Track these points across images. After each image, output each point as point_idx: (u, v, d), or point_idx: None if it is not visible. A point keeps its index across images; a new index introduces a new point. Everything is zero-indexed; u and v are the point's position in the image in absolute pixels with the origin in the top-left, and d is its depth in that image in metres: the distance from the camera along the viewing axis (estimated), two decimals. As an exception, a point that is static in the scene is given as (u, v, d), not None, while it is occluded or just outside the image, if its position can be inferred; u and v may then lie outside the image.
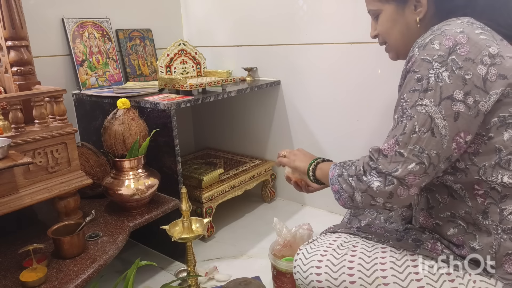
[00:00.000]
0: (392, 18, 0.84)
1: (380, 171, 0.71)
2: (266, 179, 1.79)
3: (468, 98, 0.68)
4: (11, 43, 1.11)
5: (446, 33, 0.71)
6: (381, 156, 0.72)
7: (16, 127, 1.00)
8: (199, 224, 1.12)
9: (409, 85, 0.72)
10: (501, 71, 0.68)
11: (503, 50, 0.70)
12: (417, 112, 0.69)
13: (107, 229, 1.15)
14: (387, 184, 0.70)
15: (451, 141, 0.69)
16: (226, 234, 1.58)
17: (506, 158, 0.69)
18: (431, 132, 0.69)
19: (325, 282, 0.80)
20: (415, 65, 0.72)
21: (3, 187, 0.94)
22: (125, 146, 1.21)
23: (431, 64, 0.70)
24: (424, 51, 0.71)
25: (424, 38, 0.73)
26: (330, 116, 1.61)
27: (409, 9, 0.82)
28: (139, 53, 1.78)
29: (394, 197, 0.71)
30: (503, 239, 0.70)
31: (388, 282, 0.75)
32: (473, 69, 0.68)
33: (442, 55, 0.69)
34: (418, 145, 0.69)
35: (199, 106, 2.08)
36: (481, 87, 0.68)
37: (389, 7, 0.84)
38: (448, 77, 0.68)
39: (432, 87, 0.69)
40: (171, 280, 1.09)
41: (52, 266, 0.98)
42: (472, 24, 0.72)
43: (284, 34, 1.67)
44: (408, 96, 0.72)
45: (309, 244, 0.89)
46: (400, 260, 0.77)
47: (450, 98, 0.68)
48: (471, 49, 0.68)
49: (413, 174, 0.69)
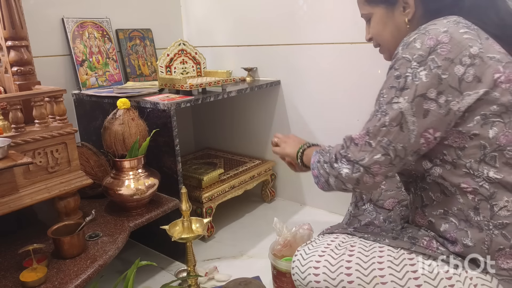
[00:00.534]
0: (383, 21, 0.88)
1: (349, 159, 0.77)
2: (266, 179, 1.79)
3: (441, 97, 0.71)
4: (11, 43, 1.11)
5: (429, 32, 0.73)
6: (352, 144, 0.78)
7: (16, 127, 1.00)
8: (199, 224, 1.12)
9: (389, 81, 0.76)
10: (478, 73, 0.70)
11: (485, 50, 0.71)
12: (391, 109, 0.73)
13: (107, 229, 1.15)
14: (354, 171, 0.76)
15: (419, 136, 0.72)
16: (226, 234, 1.58)
17: (491, 155, 0.71)
18: (400, 126, 0.73)
19: (323, 282, 0.81)
20: (396, 63, 0.75)
21: (3, 187, 0.94)
22: (125, 146, 1.21)
23: (410, 63, 0.73)
24: (407, 50, 0.74)
25: (409, 37, 0.76)
26: (330, 116, 1.61)
27: (398, 10, 0.84)
28: (139, 53, 1.78)
29: (361, 183, 0.77)
30: (495, 234, 0.71)
31: (386, 281, 0.75)
32: (451, 69, 0.70)
33: (422, 55, 0.72)
34: (386, 138, 0.73)
35: (199, 106, 2.08)
36: (455, 87, 0.70)
37: (379, 10, 0.87)
38: (426, 75, 0.71)
39: (408, 86, 0.72)
40: (171, 280, 1.09)
41: (52, 266, 0.98)
42: (458, 23, 0.74)
43: (284, 34, 1.67)
44: (386, 92, 0.76)
45: (307, 245, 0.89)
46: (398, 259, 0.77)
47: (423, 96, 0.71)
48: (452, 49, 0.71)
49: (378, 164, 0.74)
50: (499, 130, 0.70)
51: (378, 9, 0.87)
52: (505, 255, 0.71)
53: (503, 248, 0.71)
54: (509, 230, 0.70)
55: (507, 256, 0.71)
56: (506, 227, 0.70)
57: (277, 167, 1.84)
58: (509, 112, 0.71)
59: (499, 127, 0.70)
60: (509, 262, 0.71)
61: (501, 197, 0.71)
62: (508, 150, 0.70)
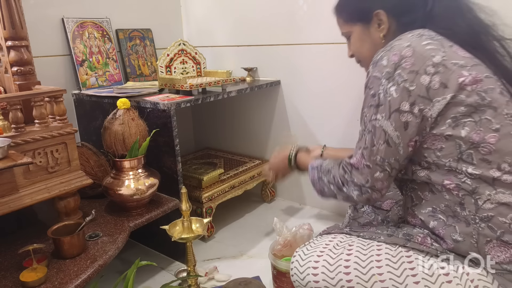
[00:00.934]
0: (360, 38, 0.95)
1: (356, 184, 0.84)
2: (266, 179, 1.79)
3: (414, 108, 0.76)
4: (11, 43, 1.11)
5: (394, 48, 0.79)
6: (353, 169, 0.84)
7: (16, 127, 1.00)
8: (199, 224, 1.12)
9: (366, 101, 0.83)
10: (443, 80, 0.75)
11: (449, 57, 0.76)
12: (374, 127, 0.80)
13: (107, 229, 1.15)
14: (363, 193, 0.84)
15: (406, 146, 0.79)
16: (226, 234, 1.58)
17: (467, 152, 0.75)
18: (387, 143, 0.79)
19: (322, 282, 0.81)
20: (369, 81, 0.82)
21: (3, 187, 0.94)
22: (125, 146, 1.21)
23: (380, 81, 0.79)
24: (376, 68, 0.80)
25: (377, 55, 0.82)
26: (330, 116, 1.61)
27: (374, 27, 0.91)
28: (139, 53, 1.78)
29: (371, 200, 0.86)
30: (481, 227, 0.73)
31: (384, 278, 0.76)
32: (417, 80, 0.75)
33: (389, 72, 0.78)
34: (379, 156, 0.80)
35: (199, 106, 2.08)
36: (424, 95, 0.75)
37: (356, 28, 0.94)
38: (395, 90, 0.77)
39: (382, 102, 0.78)
40: (171, 280, 1.09)
41: (52, 266, 0.98)
42: (421, 36, 0.80)
43: (284, 34, 1.67)
44: (367, 110, 0.82)
45: (305, 246, 0.90)
46: (396, 257, 0.78)
47: (398, 110, 0.77)
48: (415, 61, 0.76)
49: (380, 181, 0.82)
50: (471, 129, 0.74)
51: (356, 27, 0.95)
52: (494, 247, 0.73)
53: (490, 240, 0.73)
54: (494, 222, 0.73)
55: (496, 249, 0.72)
56: (491, 220, 0.73)
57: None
58: (479, 111, 0.74)
59: (470, 127, 0.74)
60: (499, 255, 0.72)
61: (483, 191, 0.73)
62: (482, 147, 0.73)
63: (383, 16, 0.88)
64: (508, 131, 0.73)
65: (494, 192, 0.73)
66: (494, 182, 0.73)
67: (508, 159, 0.73)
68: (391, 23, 0.89)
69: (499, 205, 0.72)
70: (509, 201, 0.72)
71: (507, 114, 0.74)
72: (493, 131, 0.73)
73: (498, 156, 0.73)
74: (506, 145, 0.73)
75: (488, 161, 0.73)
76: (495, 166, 0.73)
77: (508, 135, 0.73)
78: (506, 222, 0.72)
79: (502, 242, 0.72)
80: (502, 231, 0.72)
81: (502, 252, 0.72)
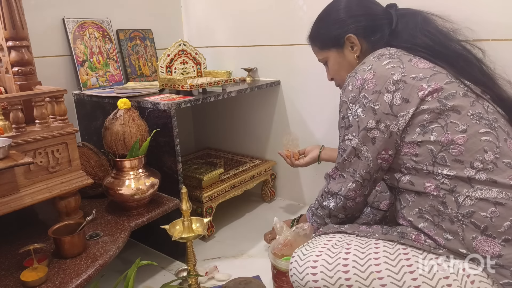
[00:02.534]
0: (337, 61, 1.03)
1: (331, 193, 0.95)
2: (266, 179, 1.79)
3: (380, 125, 0.83)
4: (12, 44, 1.11)
5: (357, 74, 0.87)
6: (331, 179, 0.96)
7: (17, 127, 1.01)
8: (199, 224, 1.12)
9: (339, 123, 0.93)
10: (404, 95, 0.81)
11: (408, 73, 0.82)
12: (346, 145, 0.90)
13: (108, 229, 1.15)
14: (338, 202, 0.94)
15: (376, 159, 0.86)
16: (226, 233, 1.58)
17: (440, 155, 0.79)
18: (357, 157, 0.88)
19: (321, 281, 0.81)
20: (340, 106, 0.91)
21: (4, 187, 0.94)
22: (125, 146, 1.22)
23: (347, 105, 0.88)
24: (344, 94, 0.90)
25: (345, 81, 0.90)
26: (330, 116, 1.62)
27: (347, 50, 1.00)
28: (139, 54, 1.78)
29: (348, 209, 0.95)
30: (465, 224, 0.75)
31: (383, 276, 0.77)
32: (380, 99, 0.82)
33: (354, 96, 0.86)
34: (351, 168, 0.90)
35: (199, 106, 2.08)
36: (389, 112, 0.82)
37: (331, 53, 1.03)
38: (362, 111, 0.85)
39: (351, 124, 0.87)
40: (172, 279, 1.10)
41: (53, 265, 0.98)
42: (381, 56, 0.87)
43: (284, 35, 1.67)
44: (340, 131, 0.92)
45: (304, 247, 0.90)
46: (393, 254, 0.79)
47: (365, 129, 0.85)
48: (377, 82, 0.83)
49: (353, 190, 0.91)
50: (439, 134, 0.78)
51: (331, 53, 1.03)
52: (481, 243, 0.74)
53: (476, 236, 0.74)
54: (476, 218, 0.74)
55: (483, 245, 0.74)
56: (473, 215, 0.75)
57: (277, 167, 1.85)
58: (443, 116, 0.79)
59: (438, 131, 0.79)
60: (488, 250, 0.74)
61: (462, 189, 0.76)
62: (452, 149, 0.77)
63: (354, 39, 0.97)
64: (476, 130, 0.77)
65: (471, 189, 0.75)
66: (470, 181, 0.76)
67: (479, 156, 0.76)
68: (362, 44, 0.97)
69: (478, 201, 0.75)
70: (487, 196, 0.74)
71: (472, 114, 0.78)
72: (461, 133, 0.77)
73: (469, 156, 0.76)
74: (475, 144, 0.76)
75: (460, 161, 0.76)
76: (468, 166, 0.76)
77: (476, 134, 0.77)
78: (487, 216, 0.74)
79: (487, 237, 0.74)
80: (485, 226, 0.74)
81: (490, 246, 0.73)
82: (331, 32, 1.01)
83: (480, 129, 0.77)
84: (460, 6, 1.15)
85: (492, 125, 0.78)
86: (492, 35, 1.15)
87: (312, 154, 1.37)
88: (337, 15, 1.00)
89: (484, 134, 0.77)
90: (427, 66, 0.83)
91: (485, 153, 0.76)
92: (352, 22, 0.97)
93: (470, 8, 1.16)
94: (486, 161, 0.75)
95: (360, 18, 0.97)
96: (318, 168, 1.51)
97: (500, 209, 0.73)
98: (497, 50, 1.03)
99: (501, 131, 0.78)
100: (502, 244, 0.73)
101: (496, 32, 1.15)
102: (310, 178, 1.77)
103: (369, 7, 0.99)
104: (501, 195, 0.74)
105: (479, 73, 0.89)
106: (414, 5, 0.99)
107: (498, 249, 0.73)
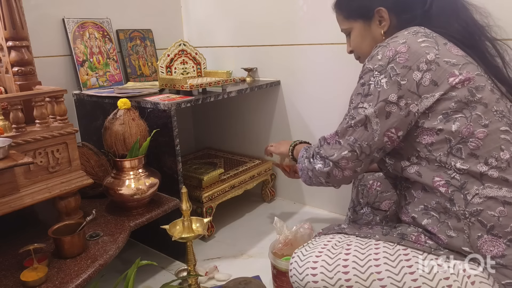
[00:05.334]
0: (361, 34, 0.97)
1: (321, 155, 0.90)
2: (266, 179, 1.79)
3: (401, 101, 0.79)
4: (11, 43, 1.11)
5: (390, 45, 0.82)
6: (325, 143, 0.90)
7: (17, 127, 1.01)
8: (199, 224, 1.12)
9: (356, 89, 0.86)
10: (435, 77, 0.77)
11: (442, 55, 0.79)
12: (358, 113, 0.83)
13: (108, 229, 1.15)
14: (325, 166, 0.88)
15: (382, 135, 0.82)
16: (226, 233, 1.58)
17: (457, 147, 0.77)
18: (364, 126, 0.83)
19: (321, 282, 0.81)
20: (362, 72, 0.85)
21: (4, 187, 0.94)
22: (125, 146, 1.22)
23: (372, 72, 0.82)
24: (370, 61, 0.84)
25: (374, 50, 0.85)
26: (330, 116, 1.61)
27: (375, 24, 0.93)
28: (139, 54, 1.78)
29: (331, 177, 0.89)
30: (472, 222, 0.75)
31: (383, 277, 0.76)
32: (409, 76, 0.78)
33: (382, 65, 0.81)
34: (352, 136, 0.84)
35: (199, 106, 2.08)
36: (414, 91, 0.78)
37: (357, 24, 0.96)
38: (386, 83, 0.80)
39: (371, 93, 0.82)
40: (172, 279, 1.09)
41: (53, 265, 0.98)
42: (417, 33, 0.82)
43: (284, 35, 1.67)
44: (354, 98, 0.86)
45: (304, 247, 0.90)
46: (393, 255, 0.79)
47: (385, 100, 0.80)
48: (409, 57, 0.79)
49: (345, 159, 0.85)
50: (461, 124, 0.76)
51: (357, 24, 0.96)
52: (486, 242, 0.74)
53: (481, 235, 0.74)
54: (483, 216, 0.74)
55: (488, 244, 0.73)
56: (481, 214, 0.74)
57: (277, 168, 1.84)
58: (470, 107, 0.76)
59: (461, 122, 0.76)
60: (492, 249, 0.73)
61: (471, 186, 0.75)
62: (470, 142, 0.76)
63: (384, 13, 0.90)
64: (497, 127, 0.76)
65: (481, 187, 0.75)
66: (482, 177, 0.75)
67: (495, 154, 0.75)
68: (392, 20, 0.91)
69: (487, 199, 0.74)
70: (497, 195, 0.74)
71: (496, 111, 0.77)
72: (482, 127, 0.76)
73: (485, 151, 0.75)
74: (494, 141, 0.75)
75: (476, 155, 0.75)
76: (482, 161, 0.75)
77: (496, 131, 0.76)
78: (495, 215, 0.73)
79: (493, 236, 0.73)
80: (492, 225, 0.73)
81: (494, 246, 0.73)
82: (361, 1, 0.94)
83: (501, 127, 0.76)
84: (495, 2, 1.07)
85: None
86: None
87: None
88: None
89: (504, 133, 0.76)
90: (461, 54, 0.81)
91: (501, 152, 0.75)
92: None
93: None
94: (501, 159, 0.74)
95: None
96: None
97: (508, 208, 0.73)
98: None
99: None
100: (507, 244, 0.72)
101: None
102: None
103: None
104: (511, 194, 0.73)
105: (505, 74, 0.87)
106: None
107: (502, 249, 0.72)
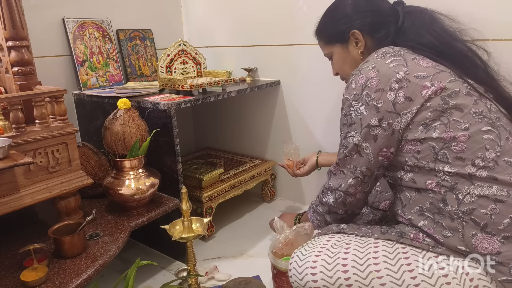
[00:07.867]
0: (342, 57, 1.03)
1: (331, 188, 0.95)
2: (266, 179, 1.79)
3: (383, 122, 0.83)
4: (11, 43, 1.11)
5: (361, 72, 0.87)
6: (332, 175, 0.95)
7: (16, 127, 1.01)
8: (199, 224, 1.12)
9: (341, 120, 0.93)
10: (408, 94, 0.81)
11: (411, 71, 0.82)
12: (348, 142, 0.90)
13: (108, 229, 1.15)
14: (338, 197, 0.94)
15: (377, 156, 0.86)
16: (226, 233, 1.58)
17: (442, 152, 0.79)
18: (358, 153, 0.88)
19: (320, 281, 0.81)
20: (343, 103, 0.91)
21: (4, 187, 0.95)
22: (125, 146, 1.22)
23: (350, 102, 0.88)
24: (347, 91, 0.89)
25: (349, 78, 0.90)
26: (330, 116, 1.62)
27: (352, 46, 1.00)
28: (139, 54, 1.78)
29: (347, 205, 0.94)
30: (465, 221, 0.75)
31: (382, 275, 0.77)
32: (384, 97, 0.83)
33: (357, 94, 0.86)
34: (351, 164, 0.90)
35: (199, 106, 2.08)
36: (392, 110, 0.82)
37: (336, 48, 1.03)
38: (365, 109, 0.85)
39: (354, 121, 0.87)
40: (172, 279, 1.10)
41: (53, 265, 0.98)
42: (385, 54, 0.87)
43: (284, 35, 1.67)
44: (341, 128, 0.93)
45: (303, 247, 0.91)
46: (392, 254, 0.79)
47: (368, 126, 0.85)
48: (380, 80, 0.83)
49: (353, 186, 0.91)
50: (441, 131, 0.78)
51: (336, 48, 1.03)
52: (481, 240, 0.74)
53: (475, 233, 0.75)
54: (476, 215, 0.75)
55: (483, 242, 0.74)
56: (473, 212, 0.75)
57: (277, 167, 1.84)
58: (446, 114, 0.79)
59: (441, 129, 0.79)
60: (487, 247, 0.74)
61: (462, 186, 0.76)
62: (454, 146, 0.77)
63: (358, 35, 0.97)
64: (478, 129, 0.77)
65: (472, 186, 0.76)
66: (471, 178, 0.76)
67: (480, 154, 0.76)
68: (367, 40, 0.97)
69: (478, 198, 0.75)
70: (488, 193, 0.75)
71: (475, 113, 0.79)
72: (463, 130, 0.77)
73: (470, 153, 0.76)
74: (477, 142, 0.77)
75: (462, 158, 0.77)
76: (469, 163, 0.76)
77: (478, 132, 0.77)
78: (487, 213, 0.74)
79: (487, 234, 0.74)
80: (485, 223, 0.74)
81: (489, 244, 0.74)
82: (336, 27, 1.01)
83: (482, 127, 0.77)
84: (465, 6, 1.13)
85: (494, 124, 0.78)
86: (493, 35, 1.14)
87: (311, 161, 1.38)
88: (343, 10, 1.00)
89: (486, 133, 0.77)
90: (430, 65, 0.84)
91: (487, 151, 0.76)
92: (358, 17, 0.97)
93: (474, 7, 1.15)
94: (487, 159, 0.75)
95: (367, 14, 0.97)
96: (318, 168, 1.51)
97: (500, 206, 0.73)
98: (501, 51, 1.02)
99: (503, 130, 0.78)
100: (501, 242, 0.73)
101: (498, 32, 1.14)
102: (310, 178, 1.76)
103: (376, 4, 0.98)
104: (502, 192, 0.74)
105: (483, 73, 0.89)
106: (421, 3, 0.98)
107: (497, 246, 0.73)
